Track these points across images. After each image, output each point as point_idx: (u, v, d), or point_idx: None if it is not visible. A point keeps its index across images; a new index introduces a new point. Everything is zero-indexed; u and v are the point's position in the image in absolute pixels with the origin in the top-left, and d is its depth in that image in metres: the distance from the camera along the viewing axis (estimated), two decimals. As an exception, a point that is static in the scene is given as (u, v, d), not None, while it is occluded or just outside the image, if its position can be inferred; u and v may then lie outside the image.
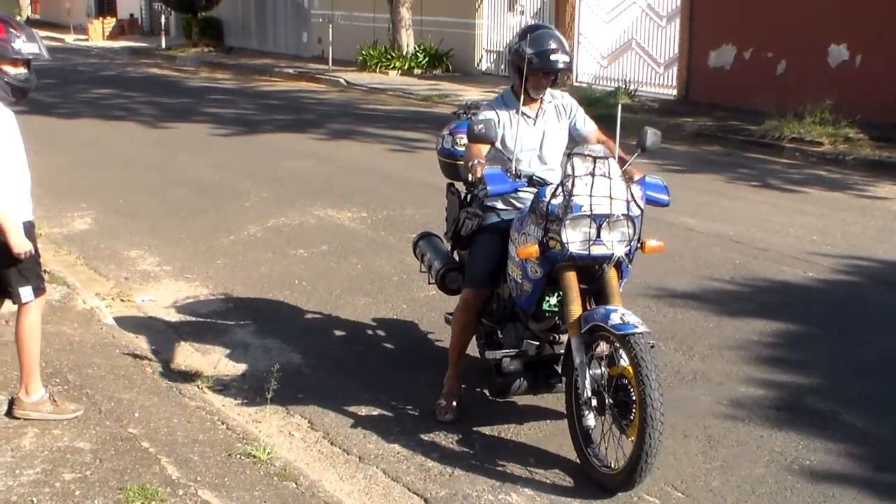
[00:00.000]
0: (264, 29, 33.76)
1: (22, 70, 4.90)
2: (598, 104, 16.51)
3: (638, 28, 20.75)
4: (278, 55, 31.18)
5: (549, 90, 5.56)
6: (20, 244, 4.83)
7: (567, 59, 5.34)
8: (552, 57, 5.26)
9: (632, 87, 19.46)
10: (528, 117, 5.50)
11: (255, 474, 4.67)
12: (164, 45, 33.77)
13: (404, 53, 25.34)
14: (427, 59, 25.08)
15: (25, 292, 4.99)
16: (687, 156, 14.26)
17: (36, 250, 5.04)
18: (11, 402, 5.09)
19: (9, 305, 5.22)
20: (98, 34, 39.60)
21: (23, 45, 4.85)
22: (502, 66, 23.49)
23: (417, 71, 24.87)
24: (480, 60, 25.03)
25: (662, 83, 20.13)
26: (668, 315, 7.16)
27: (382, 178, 12.22)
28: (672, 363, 6.24)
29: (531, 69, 5.27)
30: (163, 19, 35.27)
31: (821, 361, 6.37)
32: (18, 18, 39.10)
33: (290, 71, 26.16)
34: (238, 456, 4.84)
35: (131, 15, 42.78)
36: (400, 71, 24.92)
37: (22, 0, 52.48)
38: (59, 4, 47.00)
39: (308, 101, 20.68)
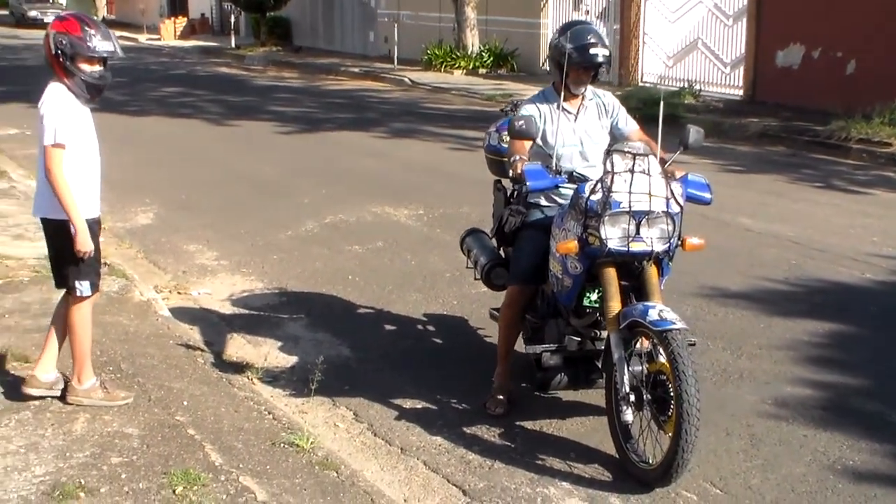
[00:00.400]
0: (332, 28, 34.07)
1: (97, 67, 5.01)
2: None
3: (704, 27, 20.58)
4: (345, 54, 31.45)
5: (591, 88, 5.59)
6: (84, 244, 4.97)
7: (606, 52, 5.35)
8: (591, 51, 5.29)
9: (696, 87, 19.33)
10: (570, 113, 5.53)
11: (296, 463, 4.76)
12: (233, 44, 34.26)
13: (469, 53, 25.41)
14: (492, 58, 25.12)
15: (83, 287, 5.13)
16: (749, 156, 14.14)
17: (98, 247, 5.18)
18: (65, 389, 5.24)
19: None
20: (170, 34, 40.27)
21: (98, 43, 4.95)
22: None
23: (482, 70, 24.92)
24: (545, 60, 25.01)
25: (729, 83, 19.95)
26: (719, 315, 7.13)
27: (441, 176, 12.30)
28: (719, 362, 6.22)
29: (571, 63, 5.29)
30: (232, 19, 35.78)
31: (871, 363, 6.30)
32: (94, 18, 39.92)
33: (356, 70, 26.38)
34: (282, 445, 4.92)
35: (202, 14, 43.45)
36: (465, 70, 25.00)
37: (98, 1, 53.50)
38: (133, 5, 47.89)
39: (372, 100, 20.84)
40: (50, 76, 5.06)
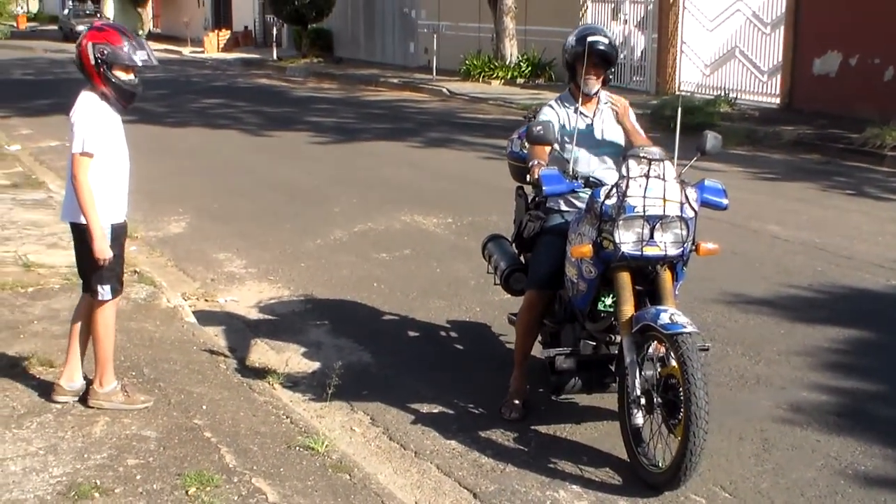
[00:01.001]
0: (373, 40, 34.30)
1: (132, 76, 5.16)
2: (696, 112, 16.41)
3: (742, 36, 20.50)
4: (385, 65, 31.65)
5: (605, 93, 5.64)
6: (102, 251, 5.09)
7: (605, 41, 5.44)
8: (590, 39, 5.39)
9: (733, 96, 19.24)
10: (586, 116, 5.58)
11: (310, 465, 4.82)
12: (275, 56, 34.62)
13: (507, 63, 25.48)
14: (530, 68, 25.17)
15: (104, 291, 5.24)
16: (782, 164, 14.07)
17: (121, 252, 5.30)
18: (86, 392, 5.35)
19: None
20: (213, 46, 40.74)
21: (137, 52, 5.10)
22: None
23: (520, 80, 24.98)
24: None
25: (766, 91, 19.85)
26: (740, 321, 7.12)
27: (472, 185, 12.37)
28: (736, 367, 6.22)
29: (574, 56, 5.44)
30: (275, 31, 36.14)
31: (890, 370, 6.27)
32: (140, 32, 40.45)
33: (395, 81, 26.54)
34: (297, 448, 5.00)
35: (246, 27, 43.92)
36: (503, 80, 25.07)
37: (144, 15, 54.25)
38: (178, 18, 48.50)
39: (409, 111, 20.96)
40: (84, 85, 5.19)
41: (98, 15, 52.80)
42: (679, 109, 5.63)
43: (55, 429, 5.03)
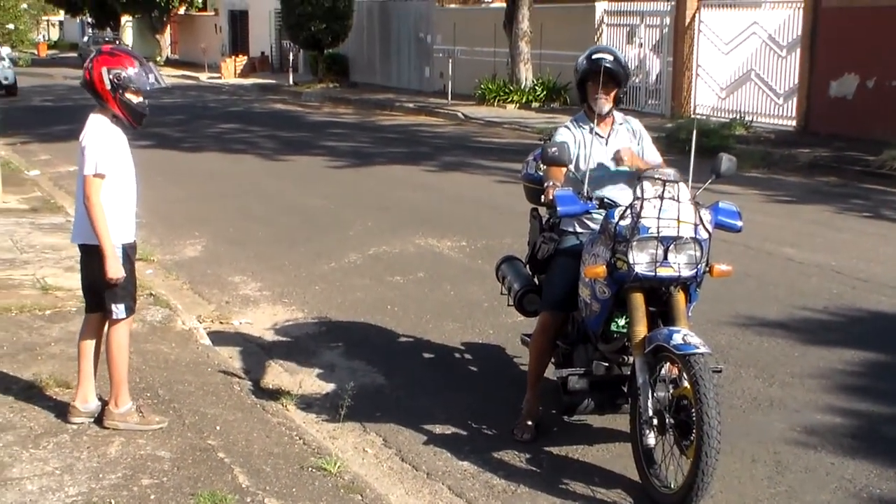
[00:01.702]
0: (388, 65, 34.49)
1: (142, 98, 5.25)
2: (711, 135, 16.44)
3: (757, 59, 20.56)
4: (401, 90, 31.80)
5: (619, 114, 5.68)
6: (116, 271, 5.14)
7: (611, 58, 5.48)
8: (594, 56, 5.50)
9: (748, 119, 19.26)
10: (601, 136, 5.61)
11: (323, 486, 4.84)
12: (291, 81, 34.84)
13: (522, 87, 25.56)
14: (545, 92, 25.26)
15: (118, 310, 5.29)
16: (798, 186, 14.07)
17: (132, 271, 5.34)
18: (102, 413, 5.39)
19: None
20: (230, 72, 41.02)
21: (148, 76, 5.22)
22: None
23: (535, 104, 25.05)
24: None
25: (782, 114, 19.88)
26: (754, 343, 7.11)
27: (486, 208, 12.41)
28: (750, 390, 6.21)
29: (584, 75, 5.49)
30: (291, 56, 36.37)
31: (906, 391, 6.25)
32: (158, 59, 40.82)
33: (410, 105, 26.65)
34: (309, 469, 5.01)
35: (262, 53, 44.22)
36: (518, 104, 25.16)
37: (162, 41, 54.70)
38: (195, 44, 48.85)
39: (424, 135, 21.05)
40: (92, 109, 5.27)
41: (118, 42, 53.25)
42: (694, 132, 5.67)
43: (71, 449, 5.06)
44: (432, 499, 4.97)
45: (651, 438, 4.74)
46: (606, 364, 5.38)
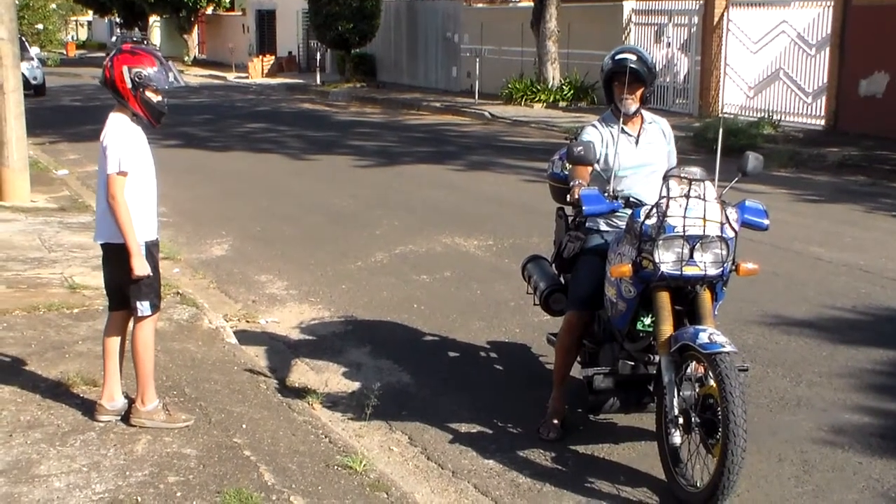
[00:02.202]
0: (415, 64, 34.52)
1: (161, 97, 5.27)
2: (739, 134, 16.37)
3: (786, 57, 20.43)
4: (428, 89, 31.82)
5: (648, 113, 5.66)
6: (142, 268, 5.18)
7: (634, 58, 5.49)
8: (618, 56, 5.51)
9: (777, 118, 19.14)
10: (630, 136, 5.60)
11: (348, 484, 4.85)
12: (318, 80, 34.93)
13: (549, 86, 25.52)
14: (572, 91, 25.20)
15: (143, 307, 5.31)
16: (827, 185, 13.98)
17: (156, 268, 5.37)
18: (129, 411, 5.42)
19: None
20: (258, 72, 41.16)
21: (168, 75, 5.25)
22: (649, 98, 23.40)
23: (562, 104, 25.00)
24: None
25: (810, 113, 19.75)
26: (781, 343, 7.07)
27: (513, 207, 12.40)
28: (777, 389, 6.18)
29: (609, 76, 5.50)
30: (318, 56, 36.47)
31: (935, 391, 6.20)
32: (186, 58, 40.89)
33: (437, 105, 26.66)
34: (335, 467, 5.02)
35: (290, 52, 44.34)
36: (545, 104, 25.12)
37: (190, 41, 54.97)
38: (223, 44, 49.10)
39: (451, 134, 21.05)
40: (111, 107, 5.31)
41: (146, 42, 53.58)
42: (720, 130, 5.63)
43: (98, 446, 5.09)
44: (458, 497, 4.97)
45: (677, 437, 4.72)
46: (632, 363, 5.36)
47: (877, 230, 10.84)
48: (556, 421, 5.63)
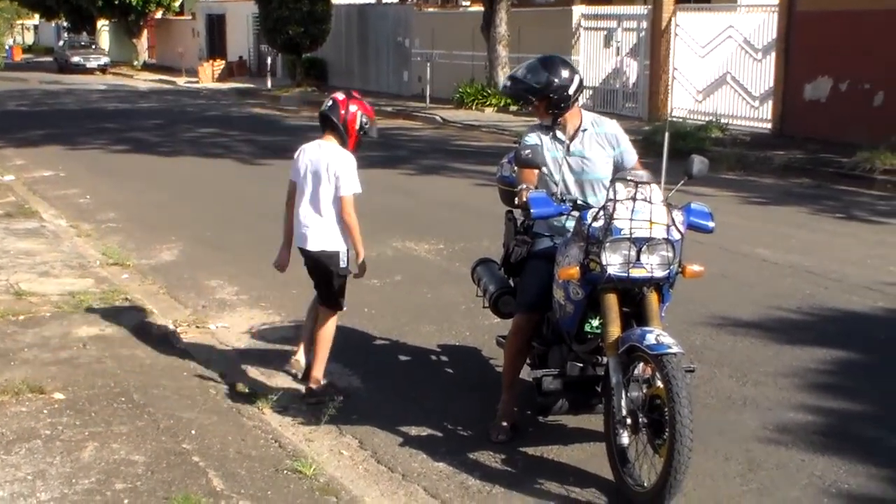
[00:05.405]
0: (367, 68, 34.49)
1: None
2: (687, 138, 16.55)
3: (733, 62, 20.66)
4: (379, 94, 31.75)
5: (590, 116, 5.69)
6: (361, 269, 6.45)
7: (508, 83, 5.78)
8: (511, 76, 5.78)
9: (725, 121, 19.35)
10: (561, 142, 5.62)
11: (298, 489, 4.84)
12: (269, 85, 34.77)
13: (500, 90, 25.57)
14: (523, 96, 25.22)
15: (343, 302, 6.55)
16: (773, 188, 14.17)
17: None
18: (307, 374, 6.45)
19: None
20: (208, 76, 40.92)
21: (373, 130, 6.38)
22: (598, 102, 23.61)
23: (513, 108, 25.01)
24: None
25: (757, 117, 19.99)
26: (728, 343, 7.17)
27: (464, 211, 12.44)
28: (724, 389, 6.26)
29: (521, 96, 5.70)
30: (269, 61, 36.30)
31: (876, 390, 6.33)
32: (135, 63, 40.38)
33: (389, 109, 26.63)
34: (284, 472, 5.02)
35: (240, 57, 44.09)
36: (496, 108, 25.20)
37: (139, 45, 54.48)
38: (173, 49, 48.70)
39: (402, 138, 21.05)
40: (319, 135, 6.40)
41: (93, 46, 52.98)
42: (666, 134, 5.71)
43: (44, 454, 5.04)
44: (408, 500, 4.98)
45: (625, 438, 4.76)
46: (581, 365, 5.40)
47: (822, 232, 11.01)
48: (505, 423, 5.65)
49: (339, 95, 6.36)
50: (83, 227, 11.50)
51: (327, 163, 6.23)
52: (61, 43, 55.40)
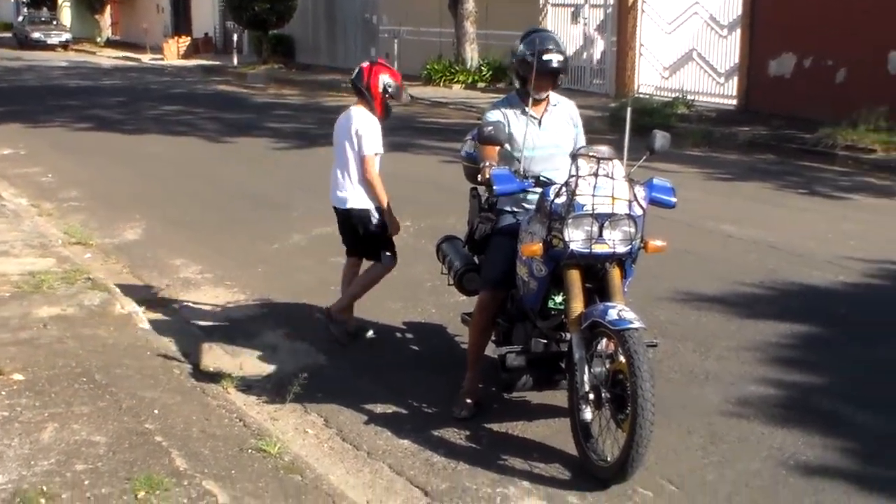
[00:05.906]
0: (334, 45, 34.28)
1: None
2: (654, 114, 16.59)
3: (699, 38, 20.66)
4: (346, 71, 31.18)
5: (555, 94, 5.70)
6: (396, 224, 6.90)
7: (561, 58, 5.48)
8: (545, 57, 5.44)
9: (691, 98, 19.39)
10: (534, 118, 5.62)
11: (262, 467, 4.83)
12: (235, 62, 34.50)
13: (468, 67, 25.57)
14: (491, 72, 25.26)
15: (387, 257, 6.93)
16: (738, 164, 14.24)
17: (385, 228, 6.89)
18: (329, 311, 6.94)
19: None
20: (173, 53, 40.52)
21: (404, 93, 6.90)
22: (566, 79, 23.55)
23: (481, 84, 25.06)
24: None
25: (723, 93, 20.03)
26: (692, 318, 7.21)
27: (432, 188, 12.43)
28: (687, 363, 6.31)
29: (528, 69, 5.40)
30: (235, 37, 36.01)
31: (836, 363, 6.41)
32: (98, 40, 39.87)
33: (356, 86, 26.48)
34: (249, 451, 5.00)
35: (206, 34, 43.69)
36: (463, 85, 25.16)
37: (102, 22, 53.85)
38: (137, 25, 48.21)
39: (369, 116, 20.91)
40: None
41: (54, 22, 52.32)
42: (628, 109, 5.71)
43: (1, 436, 4.99)
44: (373, 477, 4.99)
45: (588, 413, 4.79)
46: (545, 341, 5.42)
47: (785, 208, 11.09)
48: (469, 400, 5.67)
49: (365, 63, 6.80)
50: (45, 206, 11.40)
51: (353, 126, 6.68)
52: (21, 18, 54.60)
